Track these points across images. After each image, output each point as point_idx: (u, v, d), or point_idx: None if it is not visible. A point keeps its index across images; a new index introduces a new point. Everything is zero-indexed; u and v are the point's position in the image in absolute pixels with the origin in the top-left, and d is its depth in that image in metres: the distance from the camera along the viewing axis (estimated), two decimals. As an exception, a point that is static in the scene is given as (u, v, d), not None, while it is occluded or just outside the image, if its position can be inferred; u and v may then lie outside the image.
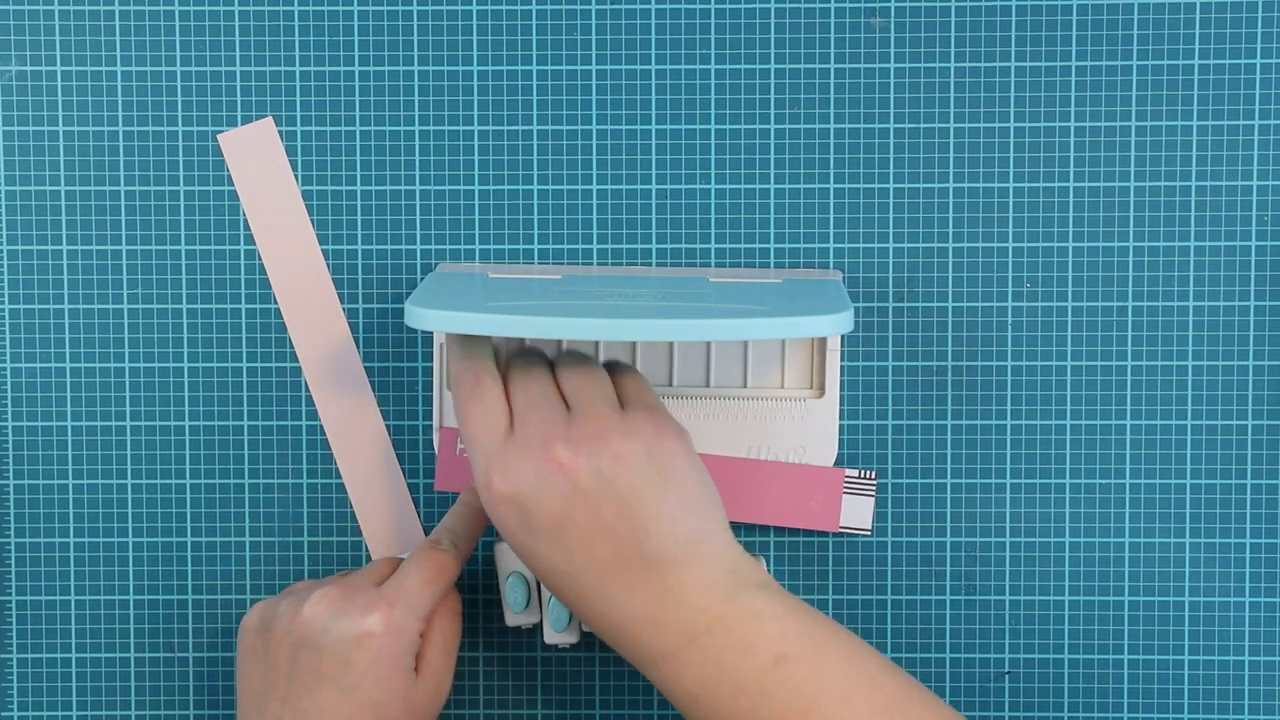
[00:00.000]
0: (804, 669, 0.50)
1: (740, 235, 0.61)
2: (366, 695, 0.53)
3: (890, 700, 0.50)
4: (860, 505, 0.60)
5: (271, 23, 0.60)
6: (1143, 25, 0.60)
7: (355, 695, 0.52)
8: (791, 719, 0.49)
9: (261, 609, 0.56)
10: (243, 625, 0.56)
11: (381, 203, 0.61)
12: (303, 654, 0.53)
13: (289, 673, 0.53)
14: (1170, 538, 0.61)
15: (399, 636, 0.53)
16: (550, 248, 0.61)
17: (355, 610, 0.53)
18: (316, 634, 0.53)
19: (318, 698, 0.52)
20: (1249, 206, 0.60)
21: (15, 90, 0.61)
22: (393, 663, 0.53)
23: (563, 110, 0.60)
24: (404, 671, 0.53)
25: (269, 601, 0.56)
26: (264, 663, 0.54)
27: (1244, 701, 0.61)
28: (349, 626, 0.53)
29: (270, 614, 0.55)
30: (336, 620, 0.53)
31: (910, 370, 0.61)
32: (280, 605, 0.55)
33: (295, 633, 0.53)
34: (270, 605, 0.55)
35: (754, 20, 0.60)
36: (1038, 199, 0.60)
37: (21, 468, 0.61)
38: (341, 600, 0.53)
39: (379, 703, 0.53)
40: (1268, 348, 0.60)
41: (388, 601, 0.53)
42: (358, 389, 0.61)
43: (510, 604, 0.59)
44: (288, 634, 0.53)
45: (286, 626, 0.54)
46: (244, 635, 0.56)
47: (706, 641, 0.50)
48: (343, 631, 0.52)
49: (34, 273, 0.61)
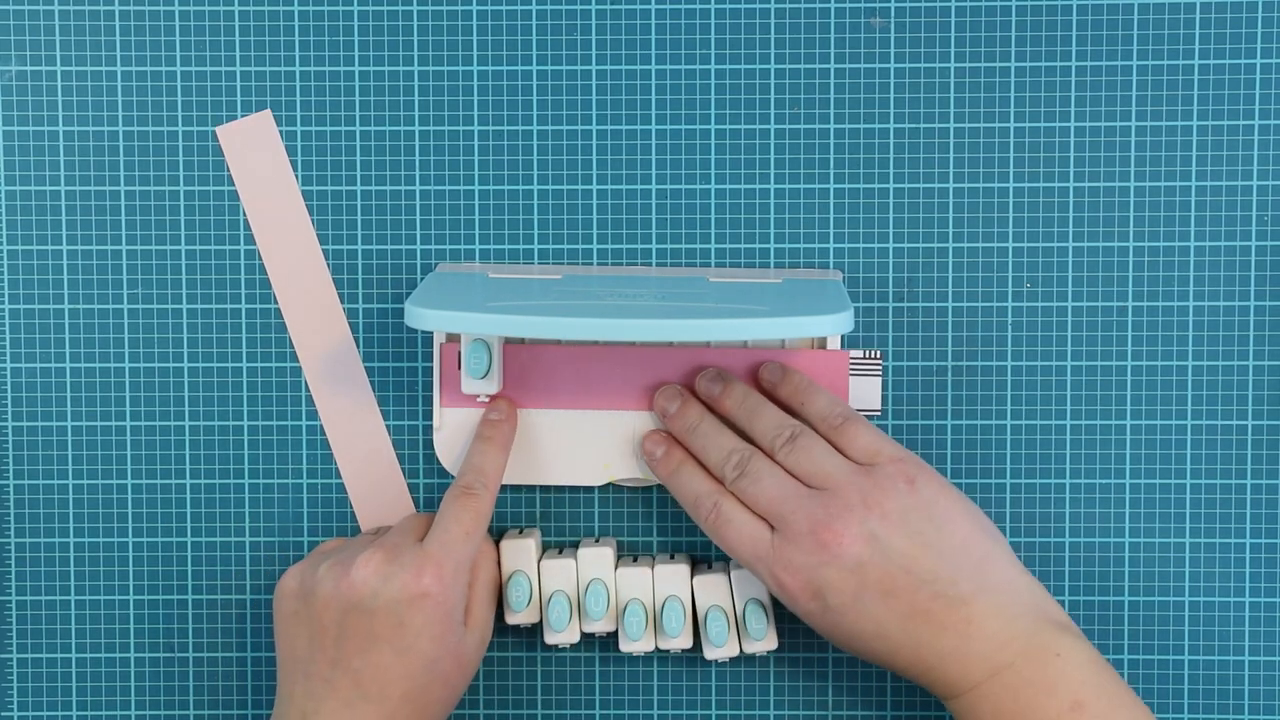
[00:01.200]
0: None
1: (740, 235, 0.61)
2: (422, 653, 0.53)
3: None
4: (868, 386, 0.60)
5: (271, 22, 0.60)
6: (1143, 25, 0.60)
7: (411, 654, 0.53)
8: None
9: (300, 573, 0.56)
10: (280, 590, 0.56)
11: (381, 203, 0.61)
12: (353, 616, 0.53)
13: (338, 635, 0.53)
14: (1170, 538, 0.61)
15: (451, 592, 0.54)
16: (550, 248, 0.61)
17: (404, 571, 0.53)
18: (367, 597, 0.53)
19: (371, 658, 0.53)
20: (1249, 206, 0.60)
21: (15, 90, 0.61)
22: (446, 619, 0.54)
23: (563, 110, 0.60)
24: (457, 626, 0.54)
25: (305, 565, 0.56)
26: (308, 627, 0.54)
27: (1244, 701, 0.61)
28: (400, 587, 0.53)
29: (311, 578, 0.55)
30: (386, 582, 0.53)
31: (910, 370, 0.61)
32: (321, 569, 0.54)
33: (344, 596, 0.53)
34: (309, 569, 0.55)
35: (754, 20, 0.60)
36: (1038, 199, 0.60)
37: (21, 468, 0.61)
38: (389, 562, 0.53)
39: (433, 659, 0.53)
40: (1268, 348, 0.60)
41: (435, 560, 0.54)
42: (358, 389, 0.61)
43: (511, 603, 0.59)
44: (334, 597, 0.53)
45: (333, 590, 0.54)
46: (282, 600, 0.56)
47: (1009, 676, 0.52)
48: (394, 593, 0.53)
49: (34, 273, 0.61)
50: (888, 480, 0.53)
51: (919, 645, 0.52)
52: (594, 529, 0.62)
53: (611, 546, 0.60)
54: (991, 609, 0.52)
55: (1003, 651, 0.52)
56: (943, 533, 0.53)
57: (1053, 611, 0.53)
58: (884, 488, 0.53)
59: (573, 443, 0.60)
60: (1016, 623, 0.52)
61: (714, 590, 0.59)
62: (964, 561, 0.53)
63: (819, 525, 0.52)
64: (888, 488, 0.53)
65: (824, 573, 0.52)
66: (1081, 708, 0.51)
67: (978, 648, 0.52)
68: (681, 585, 0.59)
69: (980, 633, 0.52)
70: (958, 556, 0.53)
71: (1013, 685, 0.52)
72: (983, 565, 0.53)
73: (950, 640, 0.52)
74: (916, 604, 0.52)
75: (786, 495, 0.54)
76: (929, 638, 0.52)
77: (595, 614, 0.58)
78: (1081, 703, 0.51)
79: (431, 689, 0.54)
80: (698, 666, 0.62)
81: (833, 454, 0.55)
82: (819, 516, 0.53)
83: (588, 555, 0.59)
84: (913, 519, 0.53)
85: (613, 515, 0.62)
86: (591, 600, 0.58)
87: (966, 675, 0.52)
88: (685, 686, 0.62)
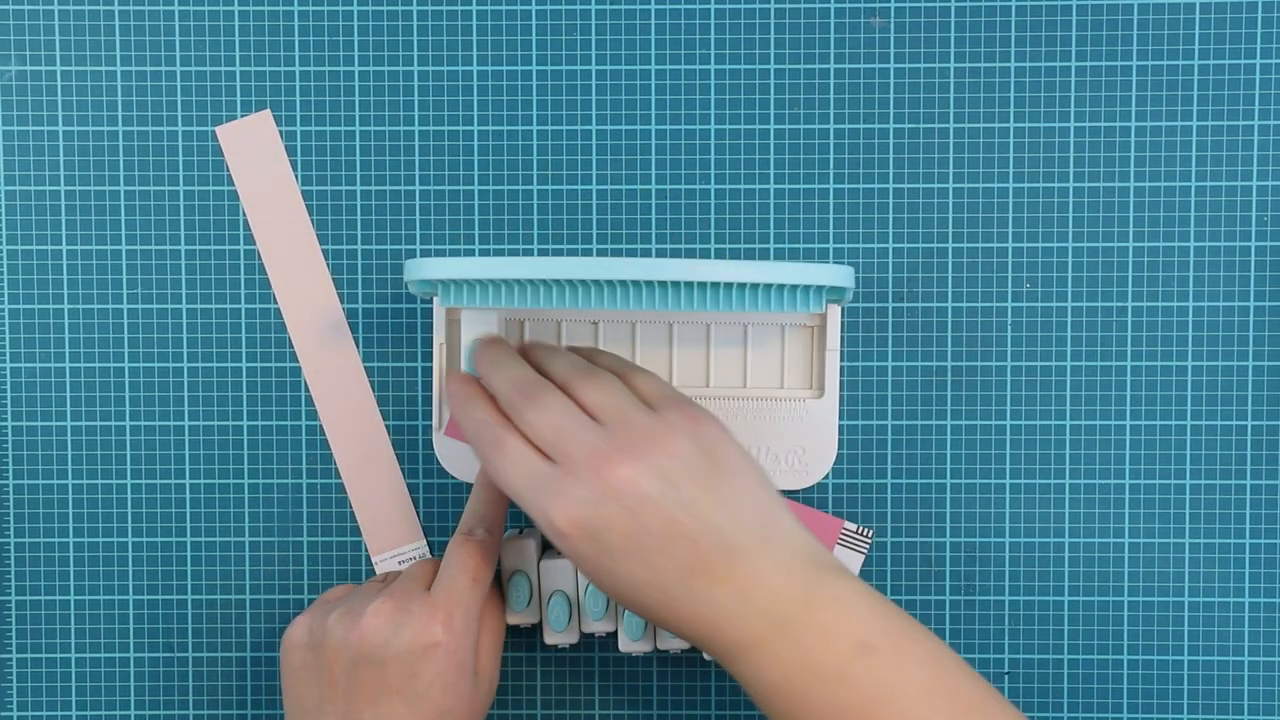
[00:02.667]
0: (887, 660, 0.48)
1: (740, 235, 0.61)
2: (434, 703, 0.52)
3: (972, 704, 0.49)
4: (850, 560, 0.60)
5: (271, 22, 0.60)
6: (1143, 25, 0.60)
7: (423, 704, 0.52)
8: (872, 710, 0.48)
9: (307, 623, 0.55)
10: (287, 641, 0.55)
11: (381, 202, 0.61)
12: (363, 668, 0.52)
13: (348, 687, 0.53)
14: (1170, 538, 0.61)
15: (462, 642, 0.53)
16: (550, 248, 0.61)
17: (415, 621, 0.52)
18: (378, 647, 0.52)
19: (381, 710, 0.52)
20: (1249, 206, 0.60)
21: (15, 90, 0.61)
22: (459, 669, 0.53)
23: (563, 110, 0.60)
24: (469, 675, 0.53)
25: (311, 614, 0.55)
26: (317, 678, 0.53)
27: (1244, 701, 0.61)
28: (411, 638, 0.52)
29: (320, 629, 0.54)
30: (397, 632, 0.52)
31: (910, 370, 0.61)
32: (330, 619, 0.54)
33: (353, 646, 0.52)
34: (317, 619, 0.54)
35: (754, 20, 0.60)
36: (1038, 199, 0.60)
37: (21, 468, 0.61)
38: (400, 611, 0.53)
39: (446, 709, 0.53)
40: (1268, 348, 0.60)
41: (444, 609, 0.53)
42: (358, 389, 0.61)
43: (511, 603, 0.59)
44: (344, 648, 0.53)
45: (342, 640, 0.53)
46: (290, 652, 0.55)
47: (790, 629, 0.49)
48: (405, 643, 0.52)
49: (34, 273, 0.61)
50: (675, 421, 0.50)
51: (697, 600, 0.49)
52: (594, 529, 0.62)
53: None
54: (772, 564, 0.49)
55: (784, 604, 0.49)
56: (727, 479, 0.50)
57: (827, 559, 0.51)
58: (672, 425, 0.50)
59: None
60: (794, 574, 0.49)
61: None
62: (746, 513, 0.50)
63: (601, 457, 0.49)
64: (677, 428, 0.50)
65: (602, 509, 0.48)
66: (868, 648, 0.48)
67: (756, 603, 0.49)
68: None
69: (758, 588, 0.49)
70: (741, 506, 0.50)
71: (794, 637, 0.48)
72: (764, 518, 0.50)
73: (726, 595, 0.49)
74: (697, 553, 0.49)
75: (572, 424, 0.50)
76: (707, 592, 0.49)
77: (595, 614, 0.58)
78: (867, 644, 0.48)
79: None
80: (698, 666, 0.62)
81: (625, 391, 0.52)
82: (602, 449, 0.49)
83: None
84: (698, 462, 0.49)
85: (613, 515, 0.62)
86: (591, 600, 0.58)
87: (746, 632, 0.49)
88: (685, 686, 0.62)
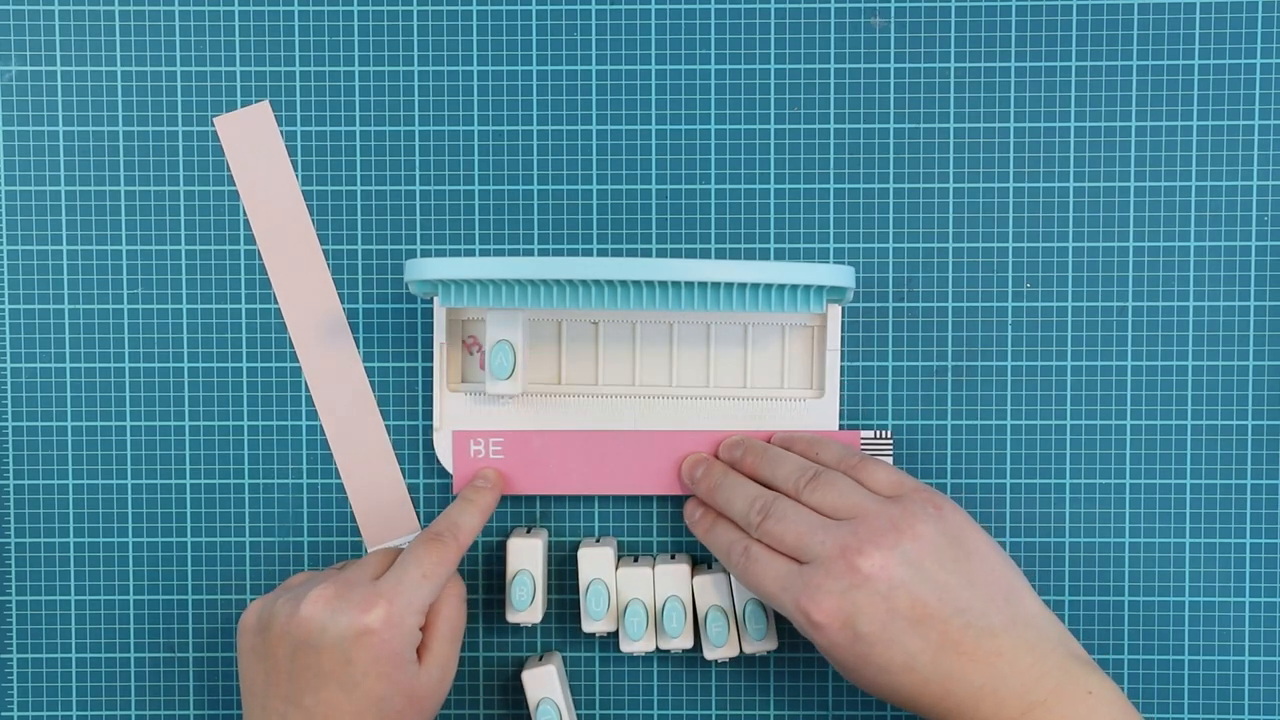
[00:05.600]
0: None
1: (740, 235, 0.61)
2: (369, 691, 0.53)
3: None
4: None
5: (271, 22, 0.60)
6: (1143, 25, 0.60)
7: (358, 692, 0.52)
8: None
9: (259, 607, 0.56)
10: (241, 624, 0.56)
11: (381, 202, 0.61)
12: (302, 653, 0.53)
13: (290, 671, 0.53)
14: (1170, 538, 0.61)
15: (397, 631, 0.53)
16: (550, 248, 0.61)
17: (352, 607, 0.53)
18: (315, 633, 0.53)
19: (321, 695, 0.53)
20: (1249, 206, 0.60)
21: (15, 90, 0.61)
22: (394, 658, 0.53)
23: (563, 110, 0.60)
24: (406, 665, 0.53)
25: (265, 599, 0.56)
26: (265, 662, 0.54)
27: (1244, 701, 0.61)
28: (347, 624, 0.52)
29: (268, 612, 0.55)
30: (334, 618, 0.53)
31: (910, 370, 0.61)
32: (277, 604, 0.54)
33: (293, 632, 0.53)
34: (267, 603, 0.55)
35: (754, 20, 0.60)
36: (1038, 199, 0.60)
37: (21, 468, 0.61)
38: (338, 598, 0.53)
39: (382, 698, 0.53)
40: (1268, 348, 0.60)
41: (386, 597, 0.53)
42: (358, 389, 0.61)
43: (514, 602, 0.59)
44: (286, 633, 0.53)
45: (284, 626, 0.53)
46: (243, 634, 0.56)
47: (1042, 714, 0.51)
48: (341, 629, 0.52)
49: (34, 273, 0.61)
50: (917, 507, 0.53)
51: (948, 678, 0.51)
52: (594, 529, 0.62)
53: (611, 546, 0.60)
54: (1022, 643, 0.51)
55: (1035, 689, 0.51)
56: (972, 561, 0.52)
57: (1076, 648, 0.53)
58: (913, 514, 0.52)
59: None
60: (1047, 659, 0.51)
61: (714, 590, 0.59)
62: (994, 593, 0.52)
63: (849, 550, 0.51)
64: (917, 514, 0.52)
65: (854, 597, 0.51)
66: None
67: (1010, 684, 0.51)
68: (682, 585, 0.59)
69: (1012, 668, 0.51)
70: (988, 587, 0.52)
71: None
72: (1010, 598, 0.52)
73: (981, 674, 0.51)
74: (948, 634, 0.51)
75: (814, 527, 0.53)
76: (959, 671, 0.51)
77: (595, 614, 0.58)
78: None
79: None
80: (698, 666, 0.62)
81: (857, 487, 0.54)
82: (849, 542, 0.52)
83: (588, 555, 0.59)
84: (943, 546, 0.52)
85: (613, 515, 0.62)
86: (592, 600, 0.58)
87: (999, 713, 0.51)
88: (685, 686, 0.62)
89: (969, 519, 0.54)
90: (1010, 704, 0.51)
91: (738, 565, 0.55)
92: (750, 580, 0.54)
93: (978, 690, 0.51)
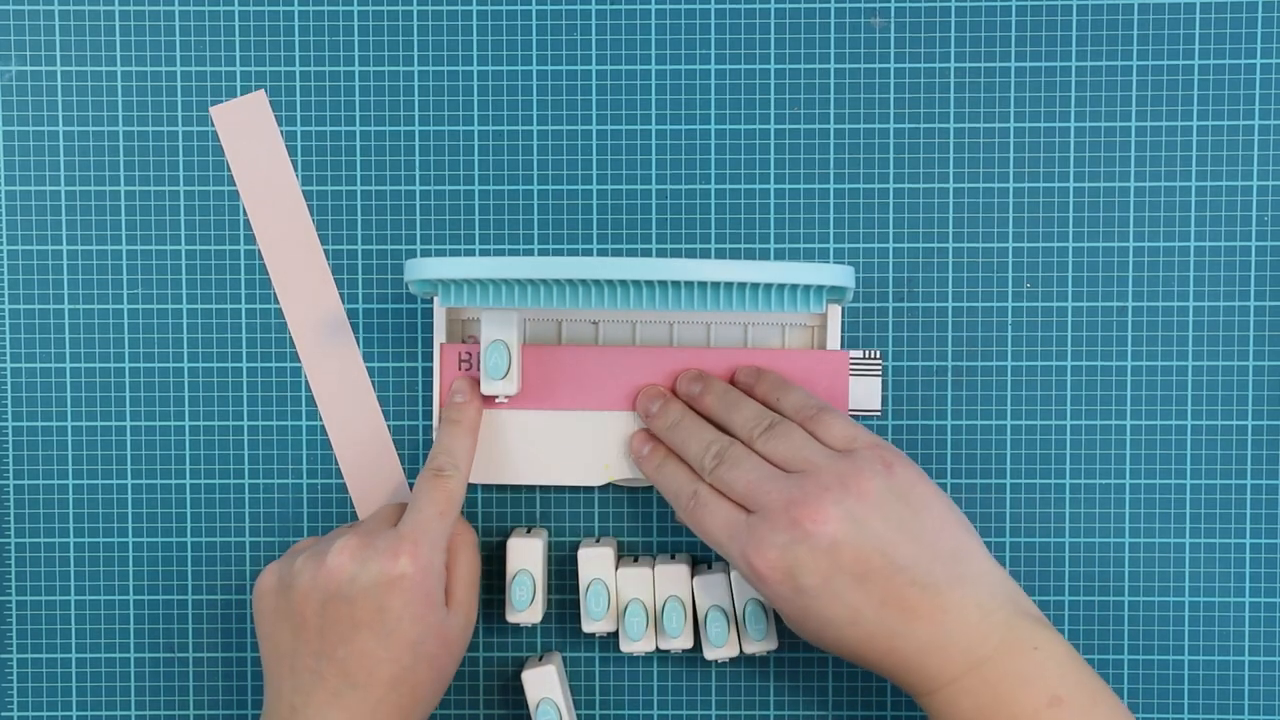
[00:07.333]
0: (1075, 717, 0.50)
1: (740, 235, 0.61)
2: (404, 635, 0.53)
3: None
4: (868, 386, 0.60)
5: (271, 22, 0.60)
6: (1143, 25, 0.60)
7: (394, 638, 0.53)
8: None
9: (277, 569, 0.56)
10: (258, 589, 0.56)
11: (381, 202, 0.61)
12: (333, 605, 0.53)
13: (319, 626, 0.53)
14: (1170, 538, 0.61)
15: (428, 573, 0.54)
16: (550, 248, 0.61)
17: (380, 555, 0.53)
18: (344, 584, 0.53)
19: (354, 645, 0.53)
20: (1249, 206, 0.60)
21: (15, 90, 0.61)
22: (426, 599, 0.53)
23: (563, 110, 0.60)
24: (437, 606, 0.54)
25: (279, 562, 0.56)
26: (289, 620, 0.54)
27: (1244, 701, 0.61)
28: (377, 571, 0.53)
29: (288, 573, 0.55)
30: (364, 567, 0.53)
31: (910, 370, 0.61)
32: (296, 563, 0.55)
33: (322, 586, 0.53)
34: (285, 564, 0.55)
35: (754, 20, 0.60)
36: (1038, 199, 0.60)
37: (21, 468, 0.61)
38: (364, 548, 0.53)
39: (416, 641, 0.53)
40: (1268, 348, 0.60)
41: (410, 540, 0.54)
42: (358, 388, 0.61)
43: (514, 602, 0.59)
44: (313, 589, 0.53)
45: (311, 581, 0.54)
46: (261, 598, 0.56)
47: (989, 669, 0.51)
48: (372, 577, 0.53)
49: (34, 273, 0.61)
50: (865, 463, 0.52)
51: (893, 634, 0.51)
52: (594, 529, 0.62)
53: (611, 546, 0.60)
54: (969, 600, 0.51)
55: (981, 645, 0.51)
56: (919, 518, 0.52)
57: (1026, 604, 0.53)
58: (861, 470, 0.52)
59: (573, 443, 0.60)
60: (993, 615, 0.51)
61: (714, 590, 0.59)
62: (940, 549, 0.52)
63: (794, 504, 0.51)
64: (865, 470, 0.52)
65: (796, 551, 0.51)
66: (1060, 702, 0.50)
67: (956, 639, 0.51)
68: (681, 585, 0.59)
69: (958, 624, 0.51)
70: (935, 543, 0.52)
71: (991, 679, 0.51)
72: (958, 554, 0.52)
73: (926, 630, 0.51)
74: (891, 590, 0.51)
75: (763, 477, 0.53)
76: (904, 626, 0.51)
77: (595, 614, 0.58)
78: (1060, 698, 0.50)
79: (418, 671, 0.54)
80: (698, 666, 0.62)
81: (810, 440, 0.54)
82: (795, 496, 0.52)
83: (588, 555, 0.59)
84: (890, 502, 0.52)
85: (613, 515, 0.62)
86: (592, 600, 0.58)
87: (944, 669, 0.51)
88: (685, 686, 0.62)
89: (921, 475, 0.53)
90: (956, 659, 0.51)
91: (686, 508, 0.55)
92: (697, 525, 0.54)
93: (923, 645, 0.51)
